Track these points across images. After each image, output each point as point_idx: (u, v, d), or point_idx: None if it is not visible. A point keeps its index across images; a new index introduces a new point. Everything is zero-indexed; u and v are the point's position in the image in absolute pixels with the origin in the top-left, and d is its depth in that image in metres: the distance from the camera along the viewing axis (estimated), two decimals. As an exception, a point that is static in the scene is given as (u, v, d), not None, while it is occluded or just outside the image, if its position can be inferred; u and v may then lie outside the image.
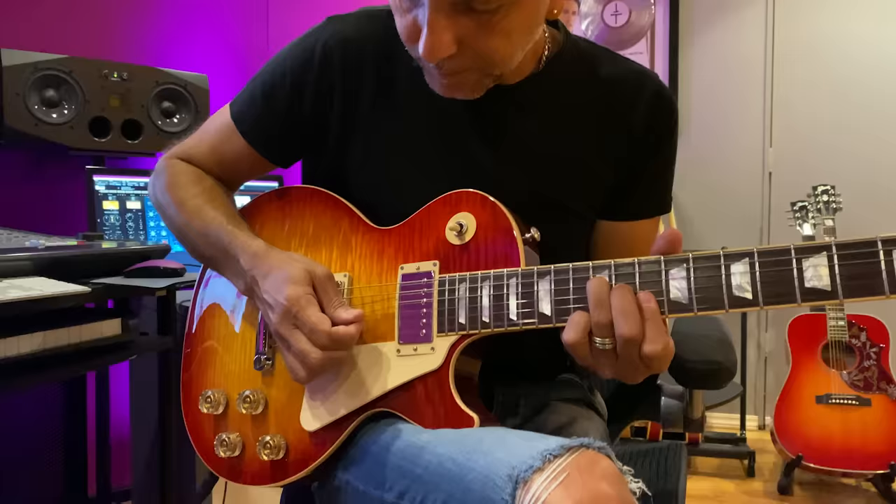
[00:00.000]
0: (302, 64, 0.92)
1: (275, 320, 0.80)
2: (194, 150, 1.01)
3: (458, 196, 0.85)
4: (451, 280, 0.81)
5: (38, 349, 1.21)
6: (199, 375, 0.95)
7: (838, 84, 3.15)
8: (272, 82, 0.94)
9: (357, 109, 0.93)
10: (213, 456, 0.89)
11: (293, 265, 0.82)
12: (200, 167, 1.00)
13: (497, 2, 0.73)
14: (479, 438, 0.72)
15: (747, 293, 0.69)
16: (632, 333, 0.69)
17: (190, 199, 0.94)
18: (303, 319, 0.78)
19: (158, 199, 0.99)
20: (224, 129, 0.98)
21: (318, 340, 0.77)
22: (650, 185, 0.97)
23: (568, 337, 0.72)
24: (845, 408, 2.52)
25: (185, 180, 0.97)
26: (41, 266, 1.26)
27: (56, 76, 1.89)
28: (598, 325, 0.71)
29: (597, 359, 0.73)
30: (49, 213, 2.09)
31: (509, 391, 0.99)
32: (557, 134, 0.91)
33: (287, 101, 0.94)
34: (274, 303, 0.80)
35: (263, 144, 0.97)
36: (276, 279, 0.81)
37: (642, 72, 0.95)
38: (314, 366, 0.78)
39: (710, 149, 3.27)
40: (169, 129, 2.07)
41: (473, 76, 0.81)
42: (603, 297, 0.71)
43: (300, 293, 0.79)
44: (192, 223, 0.93)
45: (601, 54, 0.95)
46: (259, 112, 0.95)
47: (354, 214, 0.91)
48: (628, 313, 0.69)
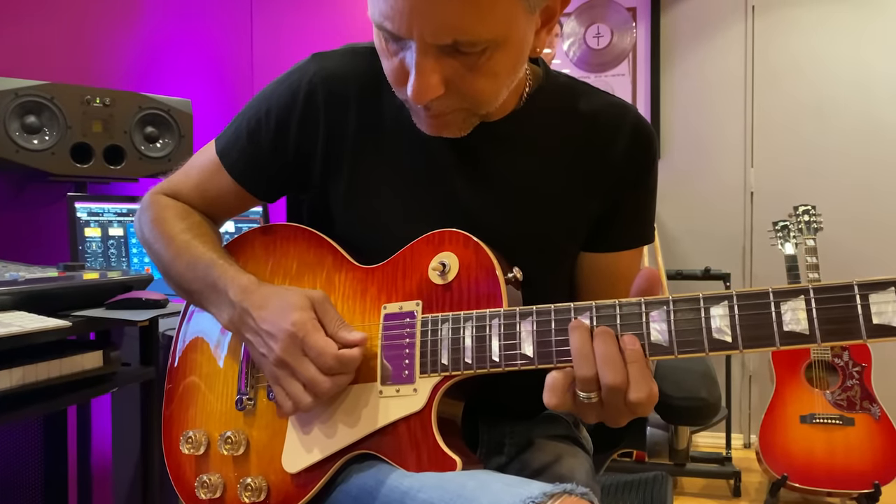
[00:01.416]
0: (286, 102, 0.93)
1: (278, 348, 0.79)
2: (181, 185, 1.01)
3: (441, 235, 0.85)
4: (434, 320, 0.81)
5: (18, 385, 1.19)
6: (180, 414, 0.95)
7: (818, 104, 3.20)
8: (257, 119, 0.95)
9: (341, 147, 0.93)
10: (194, 497, 0.89)
11: (291, 293, 0.83)
12: (187, 203, 1.01)
13: (483, 44, 0.74)
14: (461, 483, 0.72)
15: (727, 336, 0.69)
16: (616, 382, 0.69)
17: (178, 235, 0.95)
18: (310, 344, 0.78)
19: (145, 235, 0.99)
20: (210, 165, 0.99)
21: (325, 364, 0.77)
22: (632, 217, 0.97)
23: (549, 401, 0.72)
24: (829, 427, 2.53)
25: (172, 215, 0.97)
26: (21, 300, 1.25)
27: (37, 102, 1.88)
28: (583, 379, 0.70)
29: (581, 410, 0.73)
30: (30, 240, 2.07)
31: (494, 429, 0.98)
32: (539, 170, 0.92)
33: (272, 139, 0.94)
34: (277, 331, 0.80)
35: (249, 181, 0.97)
36: (278, 308, 0.81)
37: (621, 105, 0.95)
38: (323, 391, 0.78)
39: (693, 169, 3.30)
40: (152, 154, 2.06)
41: (460, 116, 0.82)
42: (587, 351, 0.71)
43: (306, 318, 0.79)
44: (180, 258, 0.93)
45: (581, 89, 0.96)
46: (244, 149, 0.96)
47: (338, 253, 0.91)
48: (612, 361, 0.69)
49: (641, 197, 0.97)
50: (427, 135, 0.86)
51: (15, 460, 1.71)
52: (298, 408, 0.80)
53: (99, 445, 2.13)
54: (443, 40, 0.72)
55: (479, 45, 0.74)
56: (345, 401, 0.83)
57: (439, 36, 0.72)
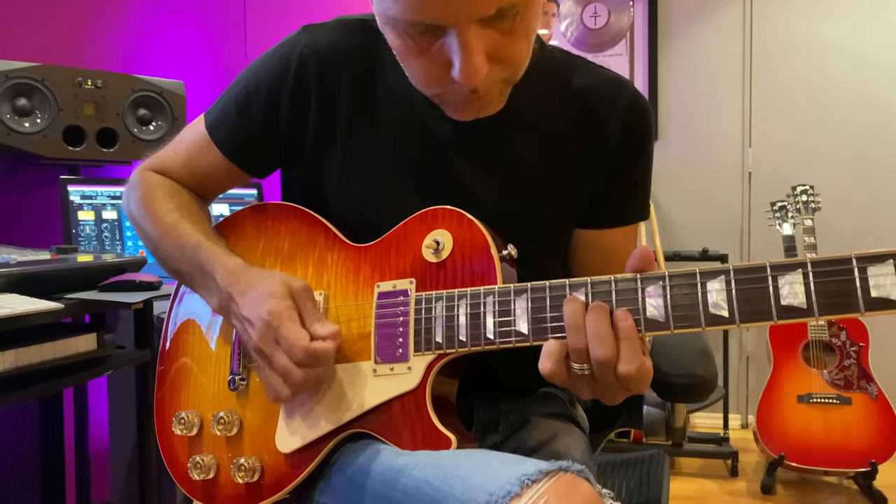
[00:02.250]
0: (277, 75, 0.91)
1: (255, 336, 0.79)
2: (169, 161, 0.99)
3: (435, 213, 0.84)
4: (428, 298, 0.80)
5: (11, 368, 1.19)
6: (172, 396, 0.94)
7: (816, 84, 3.18)
8: (247, 93, 0.93)
9: (333, 122, 0.91)
10: (187, 478, 0.88)
11: (272, 280, 0.81)
12: (176, 179, 0.99)
13: (519, 5, 0.73)
14: (455, 462, 0.71)
15: (724, 311, 0.68)
16: (605, 356, 0.68)
17: (166, 214, 0.93)
18: (283, 334, 0.77)
19: (133, 213, 0.98)
20: (199, 140, 0.97)
21: (295, 356, 0.76)
22: (628, 193, 0.96)
23: (544, 368, 0.71)
24: (826, 407, 2.54)
25: (161, 193, 0.96)
26: (13, 282, 1.24)
27: (28, 84, 1.86)
28: (575, 350, 0.70)
29: (574, 383, 0.72)
30: (23, 224, 2.05)
31: (489, 408, 0.98)
32: (535, 145, 0.91)
33: (262, 113, 0.92)
34: (255, 318, 0.79)
35: (238, 156, 0.96)
36: (256, 295, 0.80)
37: (617, 80, 0.94)
38: (297, 383, 0.77)
39: (690, 150, 3.29)
40: (145, 136, 2.04)
41: (499, 88, 0.81)
42: (578, 322, 0.70)
43: (282, 307, 0.78)
44: (168, 238, 0.91)
45: (576, 63, 0.94)
46: (234, 123, 0.94)
47: (330, 231, 0.90)
48: (602, 336, 0.68)
49: (638, 172, 0.96)
50: (423, 112, 0.84)
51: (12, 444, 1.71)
52: (278, 398, 0.79)
53: (96, 428, 2.13)
54: (487, 11, 0.71)
55: (517, 5, 0.73)
56: (339, 380, 0.82)
57: (485, 6, 0.71)
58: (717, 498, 2.58)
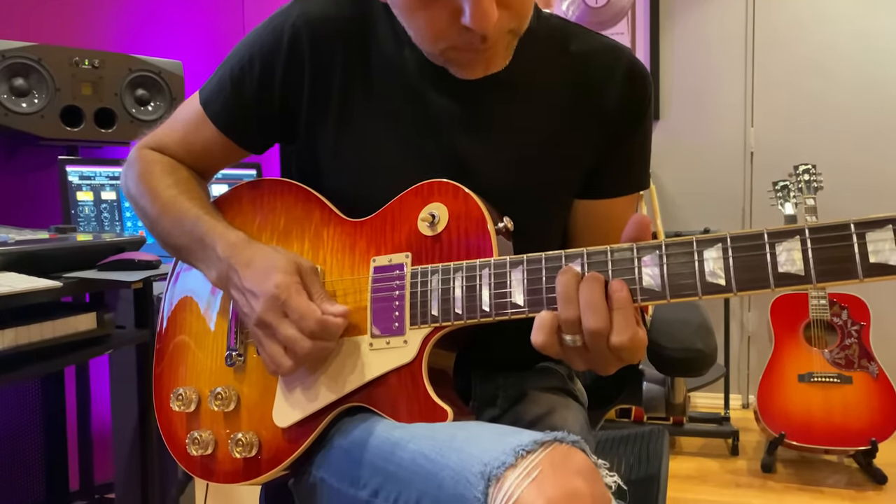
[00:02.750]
0: (270, 47, 0.90)
1: (259, 308, 0.78)
2: (166, 138, 0.99)
3: (430, 186, 0.83)
4: (424, 272, 0.80)
5: (11, 346, 1.19)
6: (170, 372, 0.94)
7: (819, 63, 3.15)
8: (241, 66, 0.92)
9: (327, 93, 0.91)
10: (186, 455, 0.88)
11: (279, 255, 0.81)
12: (173, 156, 0.98)
13: None
14: (451, 434, 0.71)
15: (720, 279, 0.68)
16: (598, 326, 0.67)
17: (164, 190, 0.93)
18: (292, 306, 0.77)
19: (131, 191, 0.97)
20: (195, 116, 0.96)
21: (307, 327, 0.76)
22: (627, 162, 0.95)
23: (536, 339, 0.70)
24: (827, 386, 2.54)
25: (159, 170, 0.95)
26: (11, 261, 1.24)
27: (25, 64, 1.85)
28: (567, 321, 0.69)
29: (567, 354, 0.71)
30: (22, 204, 2.05)
31: (487, 382, 0.98)
32: (532, 114, 0.90)
33: (256, 87, 0.92)
34: (259, 291, 0.78)
35: (233, 130, 0.95)
36: (261, 268, 0.80)
37: (615, 47, 0.93)
38: (302, 354, 0.77)
39: (692, 129, 3.26)
40: (143, 117, 2.03)
41: (506, 39, 0.83)
42: (571, 293, 0.69)
43: (290, 281, 0.78)
44: (166, 214, 0.91)
45: (573, 30, 0.93)
46: (228, 97, 0.93)
47: (326, 207, 0.90)
48: (595, 306, 0.68)
49: (637, 142, 0.95)
50: (418, 82, 0.83)
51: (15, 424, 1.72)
52: (280, 371, 0.79)
53: (99, 410, 2.14)
54: None
55: None
56: (335, 355, 0.82)
57: None
58: (717, 476, 2.59)
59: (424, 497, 0.68)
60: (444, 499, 0.66)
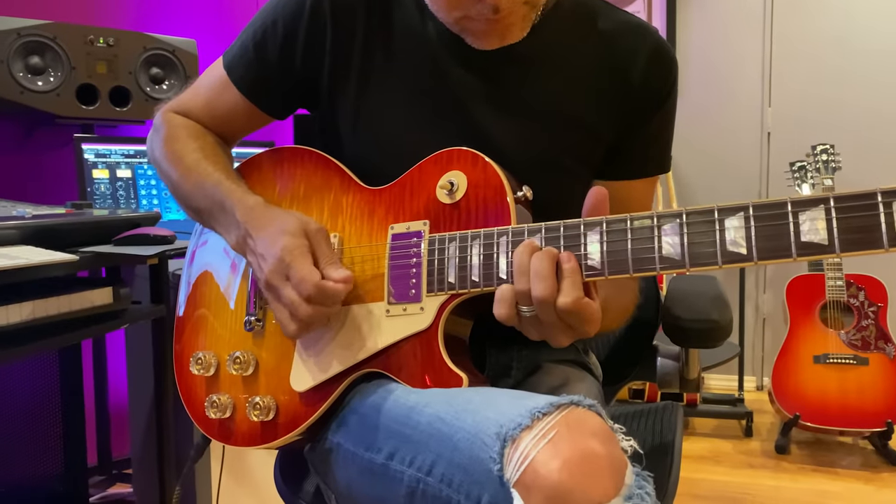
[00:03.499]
0: (293, 12, 0.91)
1: (266, 270, 0.79)
2: (190, 103, 1.00)
3: (450, 154, 0.83)
4: (441, 239, 0.80)
5: (28, 319, 1.20)
6: (190, 338, 0.95)
7: (838, 42, 3.10)
8: (263, 31, 0.93)
9: (348, 60, 0.91)
10: (205, 417, 0.89)
11: (289, 218, 0.81)
12: (198, 121, 0.99)
13: None
14: (467, 398, 0.71)
15: (741, 248, 0.67)
16: (544, 294, 0.69)
17: (188, 154, 0.93)
18: (294, 270, 0.77)
19: (155, 154, 0.98)
20: (218, 81, 0.97)
21: (305, 291, 0.76)
22: (648, 143, 0.95)
23: (498, 312, 0.72)
24: (843, 367, 2.52)
25: (184, 135, 0.96)
26: (28, 235, 1.25)
27: (40, 42, 1.85)
28: (520, 293, 0.71)
29: (523, 325, 0.73)
30: (38, 182, 2.06)
31: (502, 353, 0.98)
32: (554, 89, 0.89)
33: (278, 51, 0.92)
34: (267, 254, 0.79)
35: (256, 95, 0.96)
36: (272, 232, 0.81)
37: (642, 26, 0.92)
38: (303, 317, 0.77)
39: (708, 109, 3.23)
40: (157, 95, 2.04)
41: (522, 10, 0.82)
42: (524, 266, 0.71)
43: (295, 244, 0.78)
44: (189, 177, 0.92)
45: (599, 7, 0.92)
46: (251, 61, 0.94)
47: (345, 175, 0.90)
48: (542, 275, 0.69)
49: (658, 123, 0.94)
50: (439, 52, 0.83)
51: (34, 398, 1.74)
52: (287, 333, 0.80)
53: (116, 384, 2.16)
54: None
55: None
56: (352, 320, 0.82)
57: None
58: (730, 457, 2.58)
59: (440, 459, 0.68)
60: (459, 460, 0.66)
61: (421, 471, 0.69)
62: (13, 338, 1.17)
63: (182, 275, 1.00)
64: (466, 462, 0.65)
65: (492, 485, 0.63)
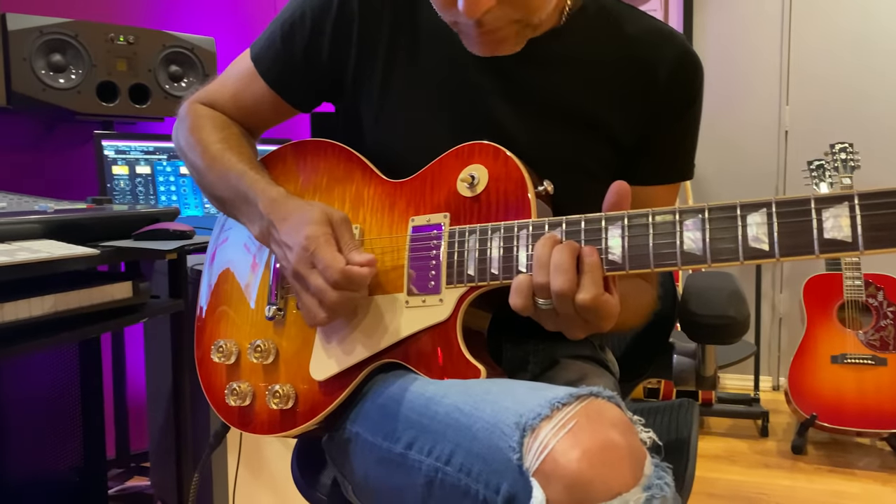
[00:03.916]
0: (321, 6, 0.92)
1: (293, 260, 0.80)
2: (216, 94, 1.01)
3: (471, 148, 0.84)
4: (461, 232, 0.80)
5: (50, 311, 1.21)
6: (211, 326, 0.96)
7: (857, 40, 3.07)
8: (291, 23, 0.94)
9: (373, 55, 0.92)
10: (224, 405, 0.90)
11: (312, 208, 0.83)
12: (223, 112, 1.00)
13: None
14: (485, 389, 0.72)
15: (763, 244, 0.67)
16: (562, 288, 0.69)
17: (213, 144, 0.94)
18: (319, 257, 0.78)
19: (181, 143, 0.99)
20: (245, 72, 0.98)
21: (331, 277, 0.77)
22: (671, 149, 0.94)
23: (514, 302, 0.73)
24: (860, 367, 2.50)
25: (210, 125, 0.97)
26: (50, 229, 1.26)
27: (62, 40, 1.87)
28: (538, 286, 0.71)
29: (540, 316, 0.74)
30: (59, 178, 2.09)
31: (519, 348, 0.98)
32: (577, 90, 0.90)
33: (306, 44, 0.93)
34: (292, 243, 0.80)
35: (282, 86, 0.97)
36: (296, 221, 0.82)
37: (668, 33, 0.92)
38: (331, 304, 0.78)
39: (725, 107, 3.21)
40: (176, 93, 2.06)
41: (514, 29, 0.80)
42: (544, 259, 0.71)
43: (320, 232, 0.79)
44: (214, 167, 0.93)
45: (625, 11, 0.92)
46: (278, 53, 0.95)
47: (367, 167, 0.91)
48: (562, 269, 0.70)
49: (681, 130, 0.94)
50: (463, 49, 0.83)
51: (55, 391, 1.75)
52: (315, 321, 0.81)
53: (133, 379, 2.18)
54: None
55: None
56: (372, 311, 0.83)
57: None
58: (746, 457, 2.57)
59: (459, 448, 0.68)
60: (478, 450, 0.66)
61: (439, 460, 0.70)
62: (36, 330, 1.19)
63: (203, 272, 1.02)
64: (485, 451, 0.66)
65: (511, 474, 0.63)
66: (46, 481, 1.77)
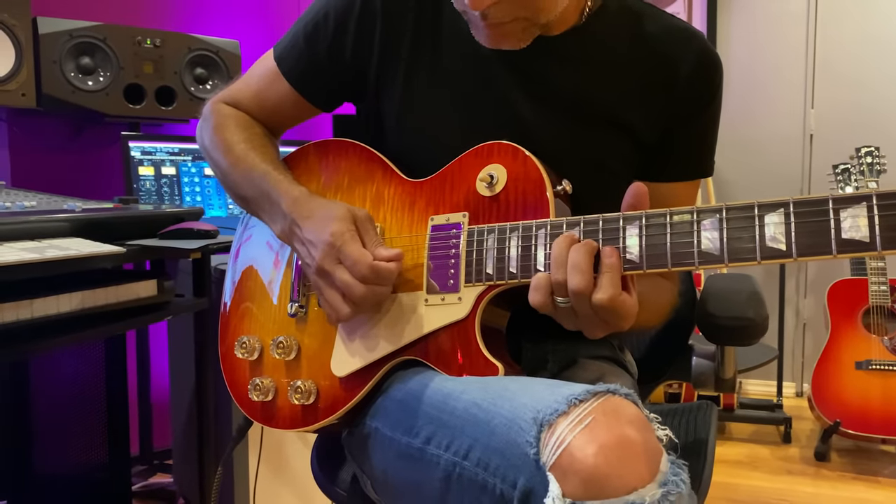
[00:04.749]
0: (344, 6, 0.93)
1: (318, 256, 0.81)
2: (240, 94, 1.02)
3: (490, 147, 0.84)
4: (480, 231, 0.81)
5: (77, 308, 1.24)
6: (235, 322, 0.98)
7: (883, 42, 3.04)
8: (315, 23, 0.95)
9: (396, 54, 0.93)
10: (247, 400, 0.92)
11: (336, 206, 0.84)
12: (247, 112, 1.02)
13: None
14: (503, 385, 0.72)
15: (781, 244, 0.67)
16: (579, 287, 0.70)
17: (237, 144, 0.96)
18: (346, 253, 0.79)
19: (205, 143, 1.01)
20: (268, 72, 0.99)
21: (359, 272, 0.78)
22: (691, 147, 0.95)
23: (533, 299, 0.74)
24: (886, 373, 2.47)
25: (233, 124, 0.99)
26: (78, 227, 1.29)
27: (91, 43, 1.91)
28: (556, 283, 0.72)
29: (558, 314, 0.74)
30: (86, 178, 2.13)
31: (537, 347, 0.99)
32: (598, 88, 0.90)
33: (329, 44, 0.94)
34: (317, 240, 0.82)
35: (306, 87, 0.98)
36: (320, 219, 0.83)
37: (689, 30, 0.93)
38: (357, 298, 0.79)
39: (750, 110, 3.19)
40: (202, 95, 2.09)
41: (519, 25, 0.81)
42: (561, 258, 0.72)
43: (344, 229, 0.80)
44: (237, 167, 0.95)
45: (646, 10, 0.93)
46: (301, 53, 0.96)
47: (388, 167, 0.92)
48: (579, 268, 0.70)
49: (701, 128, 0.94)
50: (486, 47, 0.84)
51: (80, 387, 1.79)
52: (339, 316, 0.82)
53: (158, 380, 2.22)
54: None
55: None
56: (391, 309, 0.84)
57: None
58: (768, 463, 2.55)
59: (476, 443, 0.69)
60: (496, 444, 0.67)
61: (458, 455, 0.70)
62: (63, 326, 1.21)
63: (227, 269, 1.03)
64: (503, 446, 0.66)
65: (528, 468, 0.63)
66: (71, 477, 1.80)
